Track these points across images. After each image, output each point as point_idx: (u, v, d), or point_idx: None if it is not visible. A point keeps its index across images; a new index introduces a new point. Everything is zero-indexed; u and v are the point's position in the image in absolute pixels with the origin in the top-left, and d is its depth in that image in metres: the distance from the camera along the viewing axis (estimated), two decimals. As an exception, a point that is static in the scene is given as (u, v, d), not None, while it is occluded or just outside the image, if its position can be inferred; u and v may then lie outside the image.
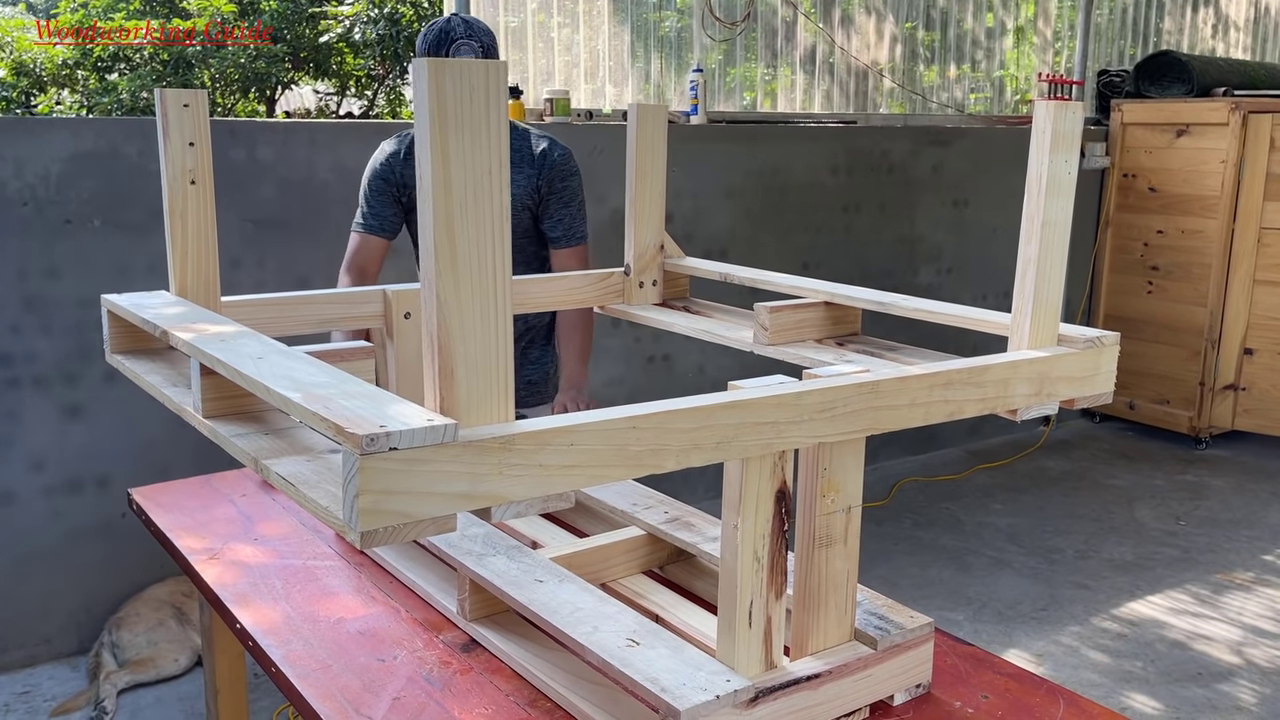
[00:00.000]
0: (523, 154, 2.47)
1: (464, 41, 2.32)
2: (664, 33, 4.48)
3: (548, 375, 2.67)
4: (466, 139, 0.93)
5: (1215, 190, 5.13)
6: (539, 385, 2.65)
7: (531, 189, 2.47)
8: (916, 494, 4.64)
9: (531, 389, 2.63)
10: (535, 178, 2.47)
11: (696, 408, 1.07)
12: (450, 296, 0.95)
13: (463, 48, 2.32)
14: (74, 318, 3.04)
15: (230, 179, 3.22)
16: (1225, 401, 5.25)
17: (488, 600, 1.48)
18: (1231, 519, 4.37)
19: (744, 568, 1.20)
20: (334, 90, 5.60)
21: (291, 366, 1.11)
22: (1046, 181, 1.35)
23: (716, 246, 4.24)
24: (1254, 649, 3.27)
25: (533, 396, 2.63)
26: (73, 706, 2.84)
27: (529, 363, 2.61)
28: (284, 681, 1.40)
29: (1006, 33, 5.57)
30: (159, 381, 1.40)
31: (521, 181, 2.46)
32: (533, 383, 2.63)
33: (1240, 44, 6.61)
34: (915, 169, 4.88)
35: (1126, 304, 5.57)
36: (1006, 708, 1.35)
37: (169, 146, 1.53)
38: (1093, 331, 1.43)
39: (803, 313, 1.73)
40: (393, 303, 1.73)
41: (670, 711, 1.15)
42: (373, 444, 0.87)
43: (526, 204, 2.47)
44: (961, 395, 1.29)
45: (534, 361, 2.62)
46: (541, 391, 2.65)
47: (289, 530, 1.88)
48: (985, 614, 3.49)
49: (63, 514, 3.10)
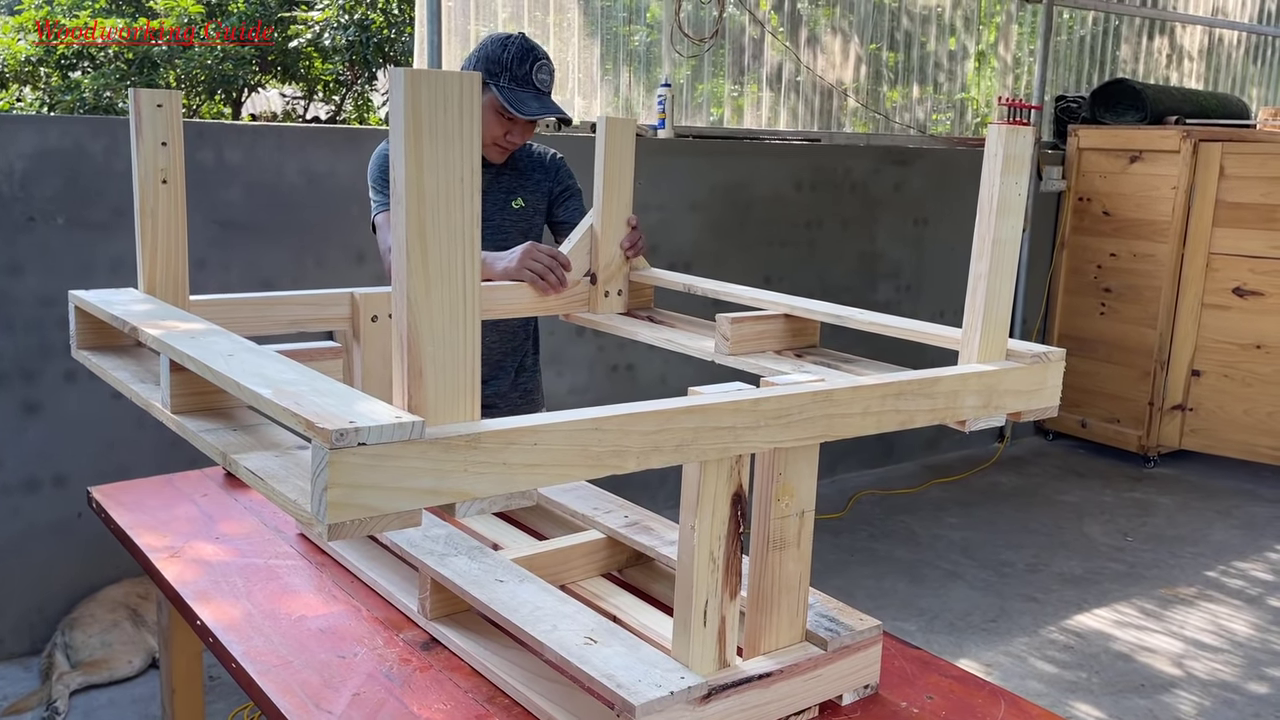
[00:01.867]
0: (532, 161, 2.54)
1: (545, 62, 2.35)
2: (634, 47, 4.54)
3: (538, 384, 2.70)
4: (440, 147, 0.96)
5: (1166, 215, 5.27)
6: (533, 394, 2.67)
7: (544, 192, 2.54)
8: (873, 507, 4.71)
9: (527, 398, 2.65)
10: (545, 180, 2.54)
11: (657, 411, 1.11)
12: (421, 299, 0.98)
13: (543, 67, 2.34)
14: (35, 315, 3.02)
15: (197, 180, 3.21)
16: (1173, 421, 5.38)
17: (449, 599, 1.51)
18: (1177, 535, 4.48)
19: (700, 568, 1.23)
20: (301, 94, 5.60)
21: (262, 364, 1.14)
22: (998, 201, 1.40)
23: (681, 259, 4.30)
24: (1195, 662, 3.36)
25: (527, 405, 2.65)
26: (24, 707, 2.81)
27: (524, 370, 2.63)
28: (244, 677, 1.42)
29: (968, 56, 5.69)
30: (126, 377, 1.42)
31: (534, 187, 2.52)
32: (528, 391, 2.66)
33: (1194, 73, 6.79)
34: (877, 187, 4.96)
35: (1080, 324, 5.70)
36: (950, 708, 1.40)
37: (141, 145, 1.54)
38: (1040, 347, 1.49)
39: (763, 324, 1.78)
40: (360, 306, 1.75)
41: (625, 707, 1.18)
42: (342, 439, 0.90)
43: (540, 207, 2.55)
44: (913, 405, 1.34)
45: (529, 369, 2.65)
46: (534, 400, 2.68)
47: (251, 529, 1.89)
48: (937, 624, 3.56)
49: (18, 513, 3.07)
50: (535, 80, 2.32)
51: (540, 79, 2.33)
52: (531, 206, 2.52)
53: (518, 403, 2.62)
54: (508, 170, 2.49)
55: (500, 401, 2.58)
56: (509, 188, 2.49)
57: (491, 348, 2.53)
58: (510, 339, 2.56)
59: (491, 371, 2.56)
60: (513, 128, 2.37)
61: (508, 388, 2.60)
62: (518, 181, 2.50)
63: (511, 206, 2.48)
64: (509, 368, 2.59)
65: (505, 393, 2.59)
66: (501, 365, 2.57)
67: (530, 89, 2.32)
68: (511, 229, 2.48)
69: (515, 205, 2.49)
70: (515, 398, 2.62)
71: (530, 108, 2.30)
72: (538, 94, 2.33)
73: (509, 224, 2.48)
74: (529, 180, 2.52)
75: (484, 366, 2.55)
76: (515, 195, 2.49)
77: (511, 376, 2.60)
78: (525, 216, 2.51)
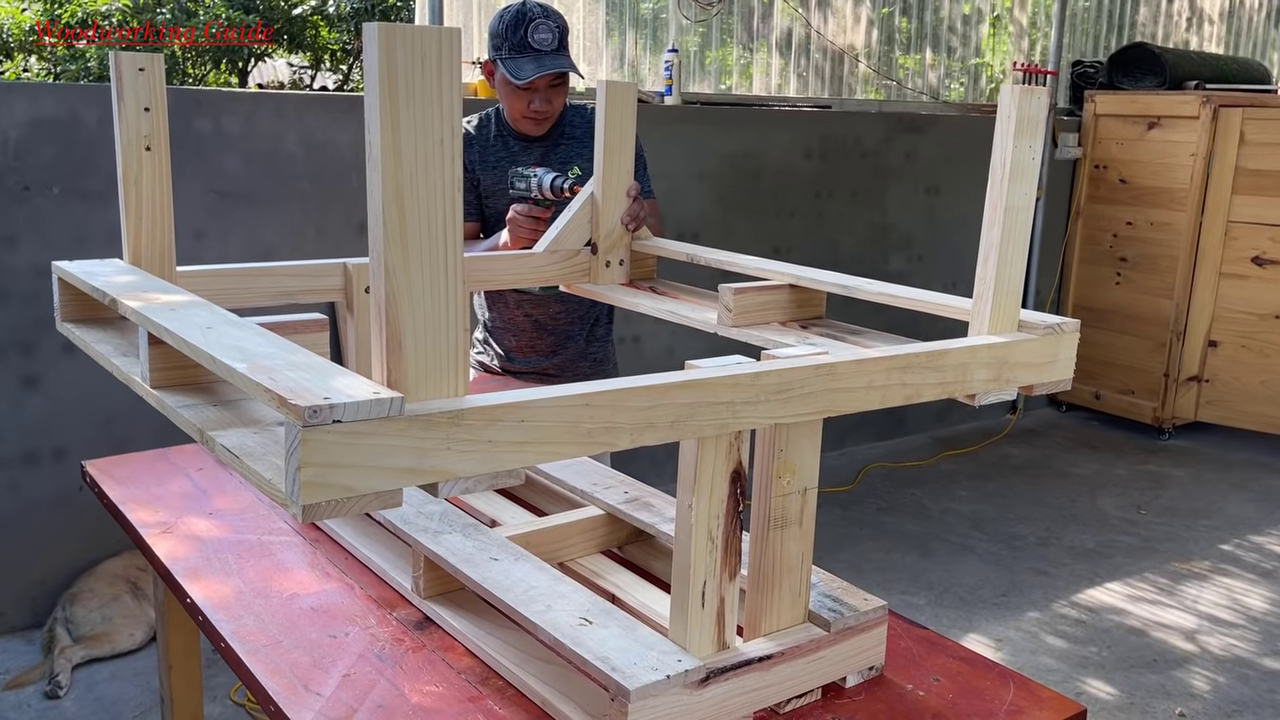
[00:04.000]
0: (589, 126, 2.44)
1: (541, 21, 2.26)
2: (641, 12, 4.45)
3: (609, 353, 2.65)
4: (417, 107, 0.91)
5: (1184, 183, 5.17)
6: (603, 363, 2.63)
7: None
8: (882, 480, 4.66)
9: (598, 366, 2.61)
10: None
11: (651, 386, 1.06)
12: (399, 267, 0.93)
13: (540, 26, 2.25)
14: (32, 286, 2.98)
15: (195, 149, 3.16)
16: (1189, 393, 5.31)
17: (442, 578, 1.47)
18: (1191, 509, 4.43)
19: (698, 547, 1.19)
20: (308, 64, 5.52)
21: (240, 337, 1.09)
22: (1010, 166, 1.34)
23: (688, 229, 4.23)
24: (1209, 637, 3.32)
25: (598, 373, 2.61)
26: (27, 680, 2.80)
27: (595, 340, 2.59)
28: (233, 657, 1.39)
29: (983, 20, 5.58)
30: (108, 351, 1.38)
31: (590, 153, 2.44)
32: (599, 360, 2.61)
33: (1214, 37, 6.65)
34: (889, 155, 4.88)
35: (1095, 294, 5.61)
36: (958, 690, 1.36)
37: (124, 111, 1.50)
38: (1053, 318, 1.43)
39: (767, 295, 1.72)
40: (353, 276, 1.70)
41: (620, 691, 1.14)
42: (315, 416, 0.86)
43: None
44: (919, 379, 1.28)
45: (600, 339, 2.60)
46: (605, 369, 2.64)
47: (245, 505, 1.85)
48: (947, 599, 3.52)
49: (17, 486, 3.05)
50: (533, 42, 2.25)
51: (538, 39, 2.25)
52: (590, 173, 2.45)
53: (588, 371, 2.58)
54: (564, 140, 2.42)
55: (569, 369, 2.55)
56: (565, 157, 2.42)
57: (557, 317, 2.50)
58: (577, 307, 2.52)
59: (559, 341, 2.53)
60: (534, 96, 2.30)
61: (577, 356, 2.56)
62: (575, 150, 2.43)
63: (567, 176, 2.42)
64: (577, 336, 2.55)
65: (574, 361, 2.56)
66: (569, 334, 2.53)
67: (529, 53, 2.25)
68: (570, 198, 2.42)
69: (573, 174, 2.42)
70: (585, 367, 2.58)
71: (525, 71, 2.24)
72: (537, 55, 2.26)
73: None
74: (587, 149, 2.43)
75: (549, 337, 2.53)
76: (572, 164, 2.41)
77: (581, 345, 2.56)
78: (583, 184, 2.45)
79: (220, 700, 2.74)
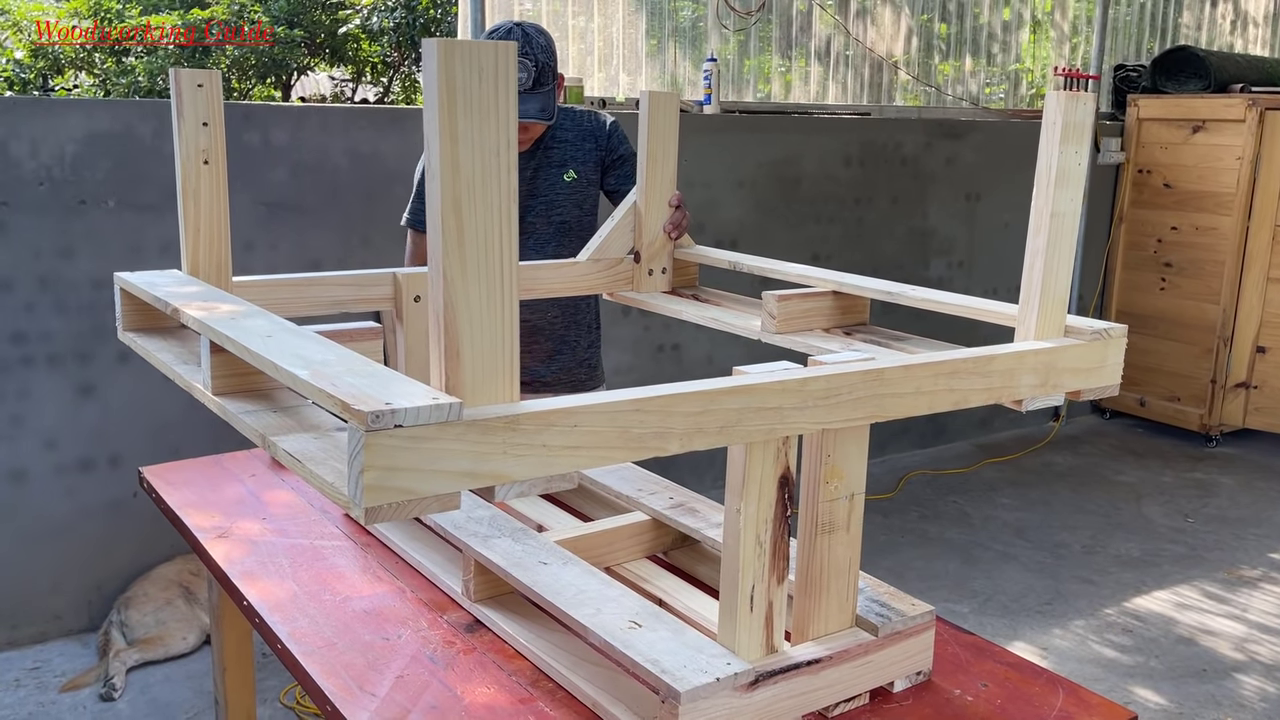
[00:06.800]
0: (582, 131, 2.50)
1: (521, 60, 2.30)
2: (680, 22, 4.47)
3: (600, 359, 2.69)
4: (475, 120, 0.93)
5: (1230, 187, 5.10)
6: (596, 369, 2.66)
7: (596, 161, 2.51)
8: (924, 487, 4.63)
9: (591, 374, 2.65)
10: (596, 150, 2.51)
11: (701, 392, 1.08)
12: (457, 276, 0.96)
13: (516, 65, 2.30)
14: (88, 297, 3.06)
15: (244, 162, 3.23)
16: (1236, 399, 5.23)
17: (492, 581, 1.49)
18: (1240, 517, 4.36)
19: (746, 552, 1.20)
20: (349, 77, 5.61)
21: (300, 345, 1.12)
22: (1056, 172, 1.35)
23: (728, 237, 4.24)
24: (1259, 646, 3.27)
25: (591, 381, 2.64)
26: (82, 683, 2.87)
27: (591, 346, 2.63)
28: (289, 658, 1.42)
29: (1023, 25, 5.54)
30: (170, 359, 1.41)
31: (585, 158, 2.49)
32: (593, 367, 2.64)
33: (1259, 39, 6.56)
34: (928, 162, 4.86)
35: (1139, 300, 5.55)
36: (1006, 696, 1.36)
37: (183, 126, 1.54)
38: (1100, 323, 1.43)
39: (811, 302, 1.74)
40: (403, 286, 1.74)
41: (670, 693, 1.16)
42: (378, 421, 0.88)
43: (593, 178, 2.52)
44: (966, 384, 1.29)
45: (594, 345, 2.64)
46: (597, 375, 2.67)
47: (298, 510, 1.89)
48: (990, 607, 3.49)
49: (74, 493, 3.13)
50: None
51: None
52: (584, 178, 2.49)
53: (583, 378, 2.61)
54: (557, 144, 2.46)
55: (566, 376, 2.58)
56: (559, 161, 2.46)
57: (555, 323, 2.53)
58: (574, 314, 2.55)
59: (557, 347, 2.55)
60: None
61: (574, 363, 2.59)
62: (568, 154, 2.47)
63: (563, 180, 2.46)
64: (573, 343, 2.58)
65: (572, 368, 2.59)
66: (566, 340, 2.56)
67: None
68: (565, 202, 2.46)
69: (567, 179, 2.46)
70: (581, 374, 2.61)
71: None
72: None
73: (562, 198, 2.46)
74: (580, 151, 2.49)
75: (549, 343, 2.57)
76: (566, 168, 2.46)
77: (577, 353, 2.59)
78: (578, 189, 2.48)
79: (270, 703, 2.79)
